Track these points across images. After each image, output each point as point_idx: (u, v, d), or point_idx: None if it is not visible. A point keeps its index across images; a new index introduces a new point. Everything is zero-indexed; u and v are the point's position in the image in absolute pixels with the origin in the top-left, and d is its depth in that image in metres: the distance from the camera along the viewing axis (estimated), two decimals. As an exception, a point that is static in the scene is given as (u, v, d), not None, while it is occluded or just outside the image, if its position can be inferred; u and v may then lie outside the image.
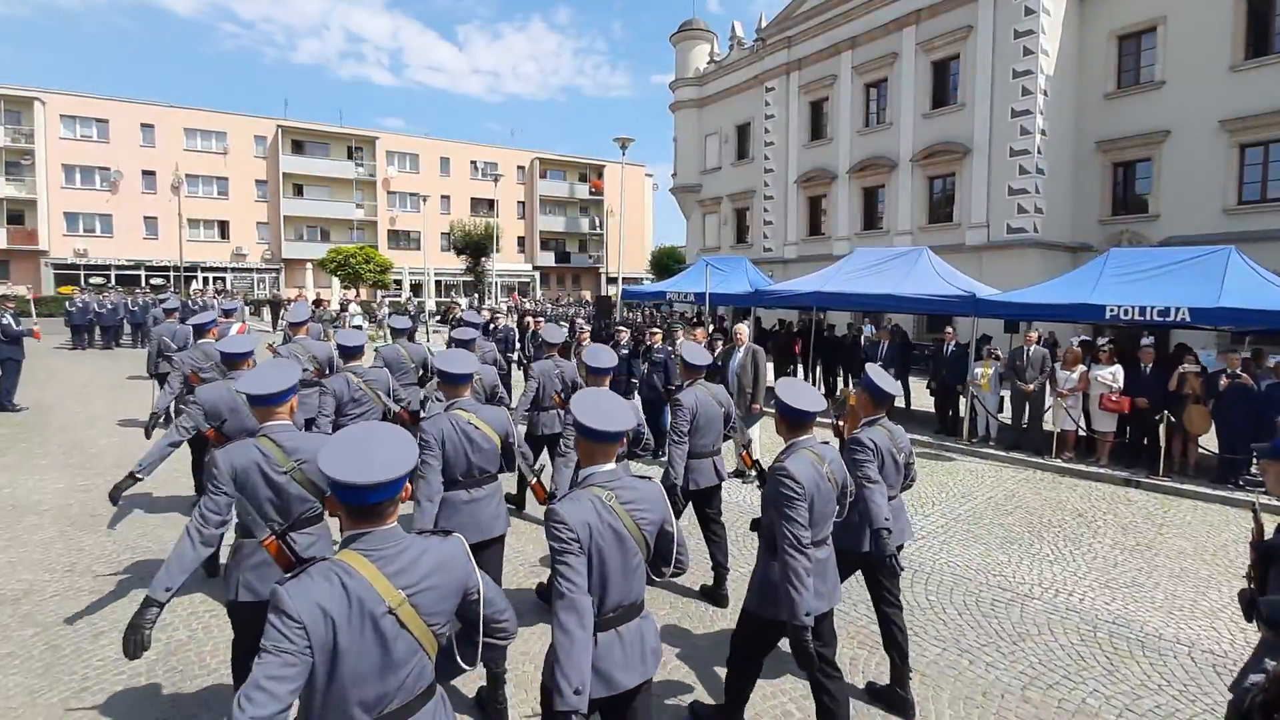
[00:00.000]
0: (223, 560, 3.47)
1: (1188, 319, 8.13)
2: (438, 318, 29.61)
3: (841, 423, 3.91)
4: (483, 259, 42.45)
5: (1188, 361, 8.22)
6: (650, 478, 2.37)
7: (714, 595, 4.69)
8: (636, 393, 8.41)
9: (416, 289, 44.27)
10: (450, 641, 1.86)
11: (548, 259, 49.69)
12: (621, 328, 9.27)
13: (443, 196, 46.14)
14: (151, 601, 2.43)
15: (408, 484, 1.84)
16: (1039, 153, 18.71)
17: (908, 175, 21.80)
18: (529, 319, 12.22)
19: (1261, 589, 2.28)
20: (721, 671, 3.56)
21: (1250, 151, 16.88)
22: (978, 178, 19.94)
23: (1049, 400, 8.89)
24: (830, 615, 3.02)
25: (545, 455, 6.12)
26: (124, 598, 4.57)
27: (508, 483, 6.95)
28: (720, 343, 8.94)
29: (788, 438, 2.88)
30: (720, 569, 4.71)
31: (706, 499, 4.66)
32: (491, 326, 11.18)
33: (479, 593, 1.83)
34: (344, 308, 28.03)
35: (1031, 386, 8.94)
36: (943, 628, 4.46)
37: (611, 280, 50.78)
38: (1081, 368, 8.68)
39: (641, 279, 54.38)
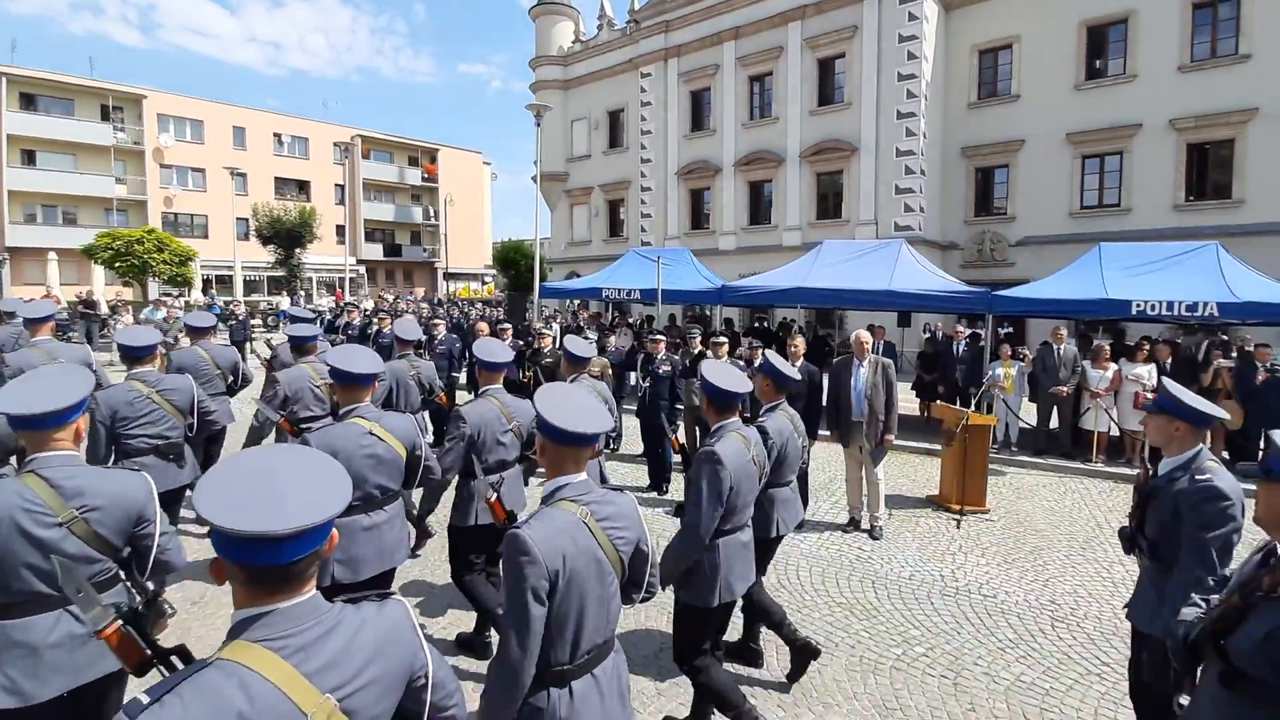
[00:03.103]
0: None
1: (1216, 314, 8.17)
2: (260, 323, 24.18)
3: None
4: (297, 250, 36.22)
5: (1215, 357, 8.25)
6: (624, 489, 2.03)
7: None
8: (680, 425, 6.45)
9: (207, 285, 36.57)
10: None
11: (375, 252, 43.93)
12: (658, 337, 7.08)
13: (238, 174, 38.48)
14: None
15: (334, 531, 1.23)
16: (922, 154, 19.58)
17: (796, 171, 21.80)
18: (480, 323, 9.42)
19: (1141, 526, 2.68)
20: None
21: (1089, 162, 19.06)
22: (865, 176, 20.42)
23: (1086, 401, 8.52)
24: (733, 604, 3.05)
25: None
26: None
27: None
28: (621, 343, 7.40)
29: (714, 421, 2.85)
30: None
31: None
32: (429, 337, 8.40)
33: (428, 675, 1.35)
34: (114, 310, 21.71)
35: (1066, 389, 8.51)
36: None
37: (449, 276, 46.49)
38: (1114, 366, 8.41)
39: (482, 275, 50.63)
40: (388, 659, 1.26)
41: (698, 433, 5.52)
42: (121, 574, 2.24)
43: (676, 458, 6.53)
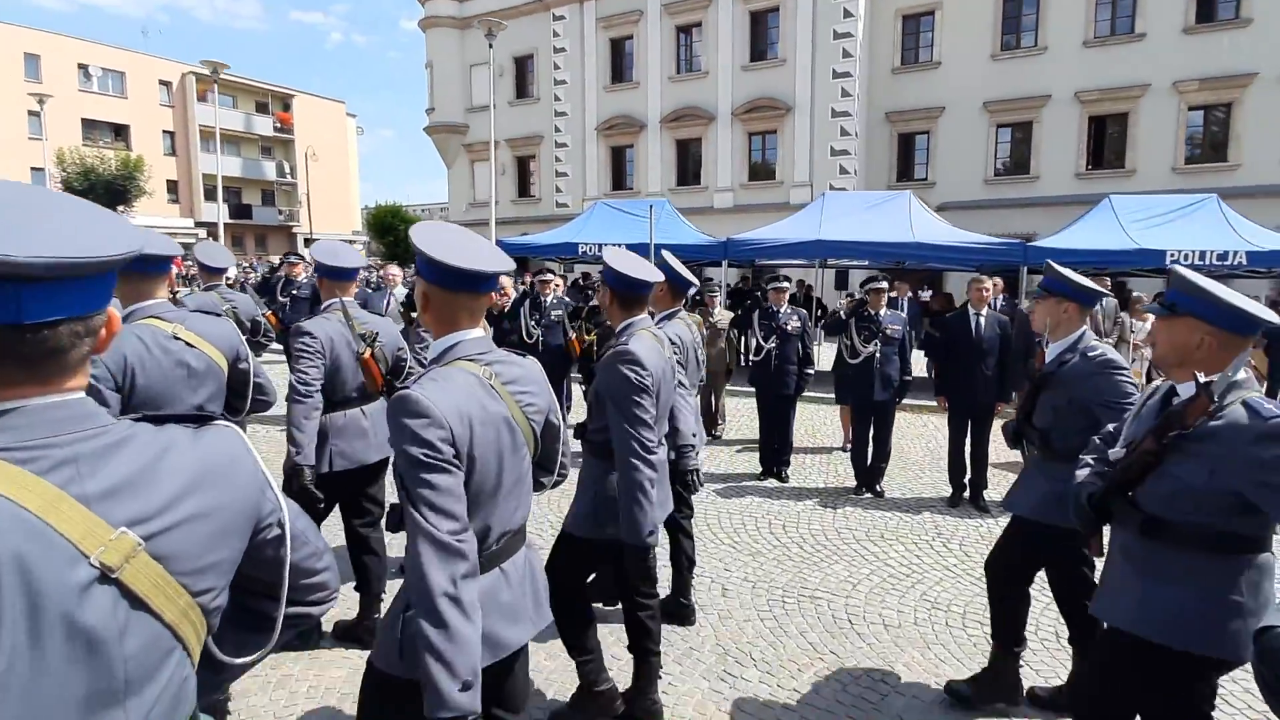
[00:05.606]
0: None
1: (1244, 263, 8.38)
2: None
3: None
4: (120, 208, 30.04)
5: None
6: (525, 353, 1.70)
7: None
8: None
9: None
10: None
11: (218, 212, 37.62)
12: (781, 286, 5.77)
13: (30, 111, 31.06)
14: None
15: (113, 310, 0.85)
16: (856, 115, 19.52)
17: (727, 129, 21.00)
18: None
19: (1028, 417, 2.71)
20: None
21: (1002, 131, 20.01)
22: (800, 136, 20.06)
23: (1128, 352, 8.46)
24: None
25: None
26: None
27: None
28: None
29: (621, 318, 2.41)
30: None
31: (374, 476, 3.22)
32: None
33: (283, 525, 0.99)
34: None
35: (1111, 340, 8.40)
36: None
37: (311, 242, 41.18)
38: (1152, 317, 8.40)
39: (353, 241, 45.50)
40: (218, 491, 0.88)
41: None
42: None
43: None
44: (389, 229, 37.16)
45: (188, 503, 0.84)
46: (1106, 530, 1.93)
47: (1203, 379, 1.63)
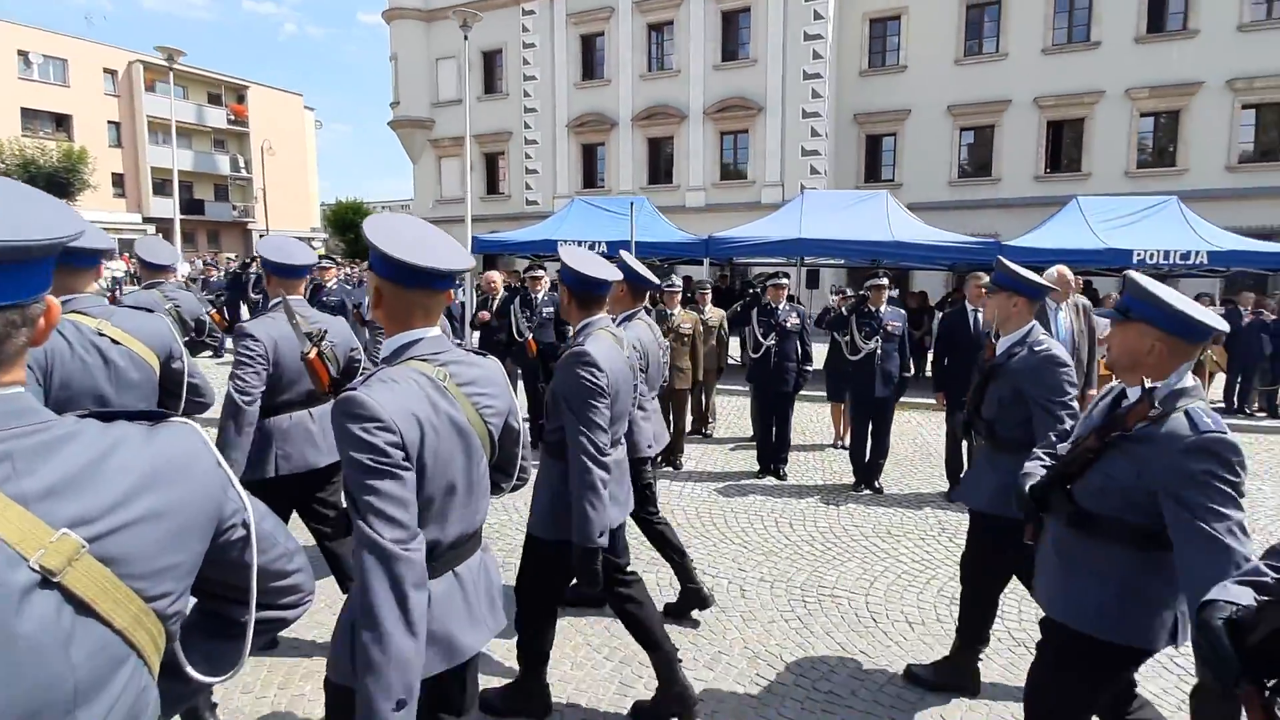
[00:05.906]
0: None
1: (1206, 262, 8.73)
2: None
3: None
4: (64, 201, 28.58)
5: (1204, 303, 8.82)
6: (487, 353, 1.64)
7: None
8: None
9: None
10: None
11: (168, 208, 36.12)
12: (780, 283, 5.76)
13: (-36, 100, 29.53)
14: None
15: (52, 300, 0.80)
16: (826, 116, 19.77)
17: (699, 128, 21.05)
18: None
19: (978, 407, 2.80)
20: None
21: (965, 134, 20.53)
22: (771, 136, 20.23)
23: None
24: (623, 525, 2.69)
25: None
26: None
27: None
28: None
29: (579, 318, 2.39)
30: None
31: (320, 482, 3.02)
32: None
33: (247, 526, 0.93)
34: None
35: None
36: None
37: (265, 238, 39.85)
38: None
39: (309, 239, 44.23)
40: (174, 490, 0.83)
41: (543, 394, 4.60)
42: None
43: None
44: (350, 225, 36.21)
45: (139, 502, 0.80)
46: None
47: (1148, 384, 1.69)
